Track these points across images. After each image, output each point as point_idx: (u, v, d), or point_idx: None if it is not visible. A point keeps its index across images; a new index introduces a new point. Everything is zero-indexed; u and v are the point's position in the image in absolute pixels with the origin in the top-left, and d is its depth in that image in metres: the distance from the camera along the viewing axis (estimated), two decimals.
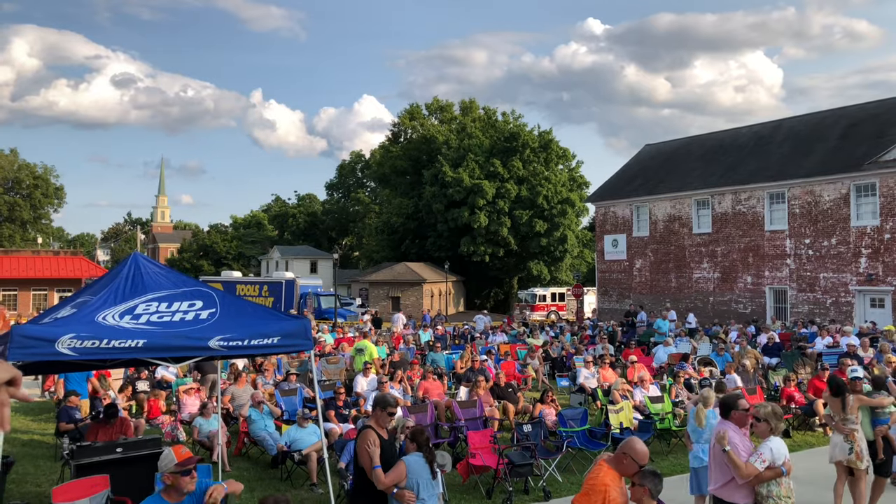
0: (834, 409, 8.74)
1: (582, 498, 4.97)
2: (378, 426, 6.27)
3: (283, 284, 38.05)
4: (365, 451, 6.04)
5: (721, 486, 6.04)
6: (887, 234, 26.41)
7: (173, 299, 8.46)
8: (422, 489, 5.88)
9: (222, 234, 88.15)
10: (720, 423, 6.30)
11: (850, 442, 8.50)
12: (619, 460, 5.06)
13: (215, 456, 11.20)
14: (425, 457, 5.98)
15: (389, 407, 6.29)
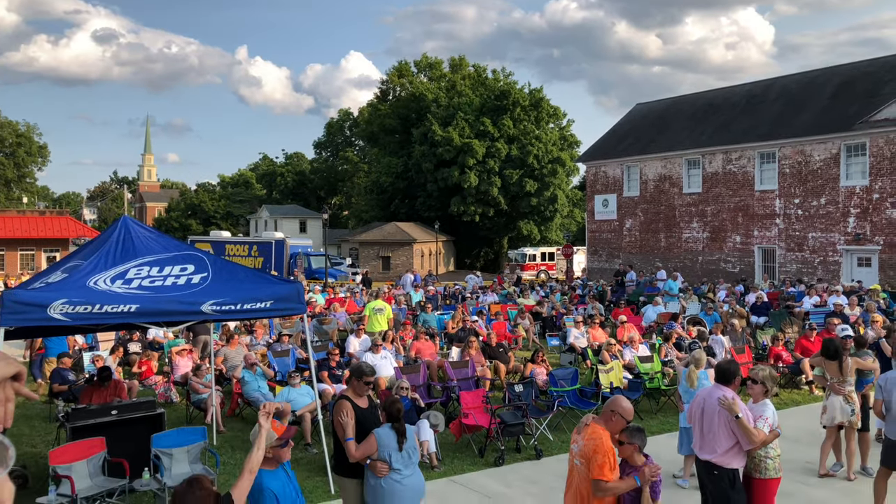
0: (831, 371, 8.76)
1: (595, 467, 4.97)
2: (355, 396, 6.19)
3: (272, 244, 37.90)
4: (338, 423, 5.98)
5: (723, 454, 5.89)
6: (876, 194, 26.53)
7: (165, 264, 8.42)
8: (395, 460, 5.79)
9: (210, 193, 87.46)
10: (719, 389, 6.09)
11: (850, 403, 8.61)
12: (607, 418, 5.17)
13: (209, 417, 11.28)
14: (395, 428, 5.88)
15: (365, 376, 6.19)
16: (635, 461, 5.07)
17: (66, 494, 7.42)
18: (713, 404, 5.99)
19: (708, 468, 5.99)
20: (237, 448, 10.58)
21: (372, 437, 5.82)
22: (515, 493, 8.59)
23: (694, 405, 6.25)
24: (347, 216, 79.44)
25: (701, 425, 6.09)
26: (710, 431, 5.98)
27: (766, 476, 6.03)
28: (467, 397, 10.48)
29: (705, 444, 6.03)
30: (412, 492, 5.87)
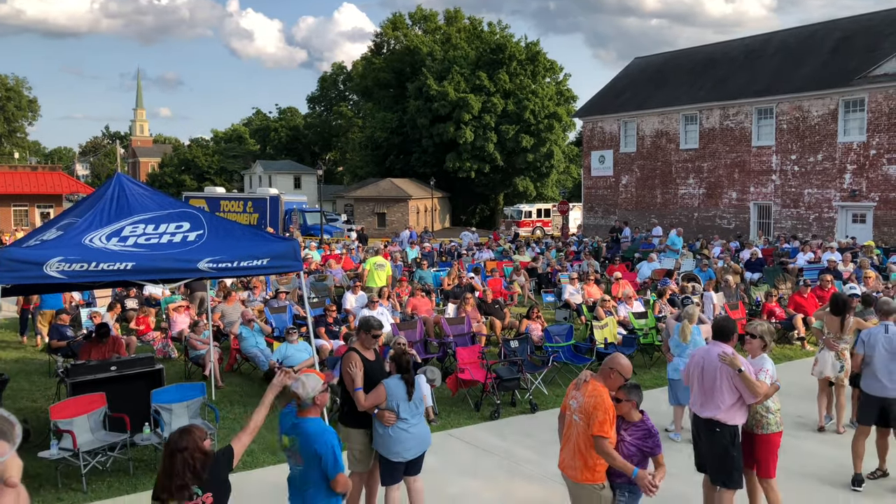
0: (831, 326, 8.78)
1: (596, 423, 5.03)
2: (363, 348, 6.36)
3: (267, 200, 37.77)
4: (347, 374, 6.16)
5: (726, 410, 5.88)
6: (873, 150, 26.45)
7: (160, 221, 8.39)
8: (402, 410, 5.99)
9: (203, 148, 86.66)
10: (717, 346, 6.05)
11: (841, 360, 8.71)
12: (606, 375, 5.22)
13: (207, 373, 11.39)
14: (404, 378, 6.07)
15: (374, 329, 6.37)
16: (632, 417, 5.13)
17: (68, 448, 7.52)
18: (714, 361, 5.95)
19: (710, 426, 5.94)
20: (235, 403, 10.71)
21: (381, 387, 6.01)
22: (511, 446, 8.74)
23: (692, 364, 6.22)
24: (342, 172, 78.99)
25: (701, 384, 6.04)
26: (713, 389, 5.92)
27: (769, 431, 6.10)
28: (463, 353, 10.59)
29: (707, 402, 5.98)
30: (418, 440, 6.08)
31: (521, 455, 8.44)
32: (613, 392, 5.18)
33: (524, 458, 8.36)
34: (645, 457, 5.12)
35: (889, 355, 7.19)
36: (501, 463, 8.22)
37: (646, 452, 5.11)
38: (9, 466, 2.08)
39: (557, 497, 7.24)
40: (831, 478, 7.67)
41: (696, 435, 6.27)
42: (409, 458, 6.06)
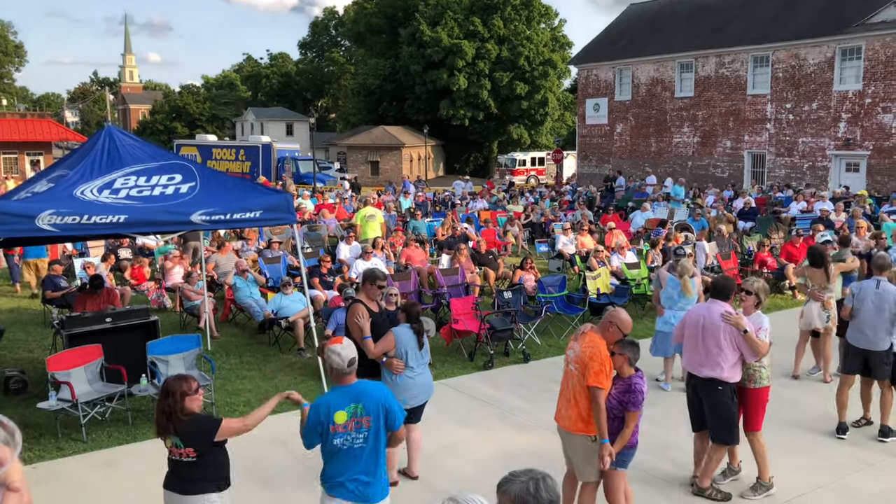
0: (815, 279, 8.91)
1: (591, 374, 5.08)
2: (368, 299, 6.45)
3: (259, 149, 37.40)
4: (355, 324, 6.26)
5: (729, 369, 5.91)
6: (868, 99, 26.28)
7: (152, 173, 8.32)
8: (410, 358, 6.13)
9: (194, 95, 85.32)
10: (717, 305, 6.04)
11: (827, 310, 8.84)
12: (605, 328, 5.24)
13: (202, 323, 11.46)
14: (413, 328, 6.18)
15: (378, 280, 6.45)
16: (624, 373, 5.19)
17: (67, 399, 7.61)
18: (716, 321, 5.91)
19: (712, 384, 5.95)
20: (231, 353, 10.81)
21: (391, 335, 6.12)
22: (504, 396, 8.88)
23: (689, 323, 6.17)
24: (334, 119, 78.09)
25: (702, 343, 6.00)
26: (716, 348, 5.90)
27: (760, 385, 6.19)
28: (457, 304, 10.66)
29: (708, 362, 5.96)
30: (423, 388, 6.25)
31: (513, 404, 8.59)
32: (610, 346, 5.23)
33: (517, 407, 8.51)
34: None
35: (876, 310, 7.28)
36: (495, 412, 8.37)
37: (624, 407, 5.14)
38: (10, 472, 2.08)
39: (549, 446, 7.38)
40: (816, 426, 7.85)
41: (692, 395, 6.26)
42: (415, 405, 6.21)
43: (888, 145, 25.91)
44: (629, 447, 5.24)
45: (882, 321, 7.26)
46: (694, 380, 6.18)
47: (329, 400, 4.32)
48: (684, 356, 6.34)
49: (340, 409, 4.26)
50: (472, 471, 6.86)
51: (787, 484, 6.45)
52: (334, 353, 4.32)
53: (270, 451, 7.22)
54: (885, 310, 7.24)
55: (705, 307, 6.15)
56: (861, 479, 6.62)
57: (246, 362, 10.41)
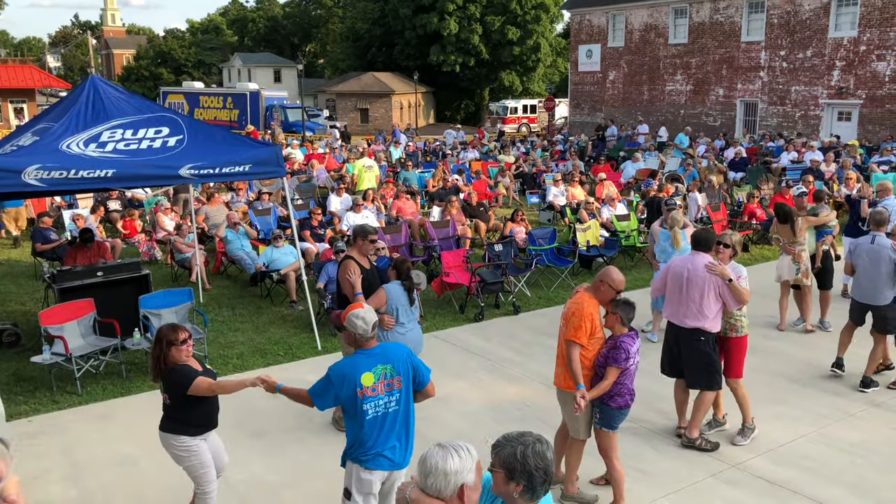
0: (783, 234, 9.13)
1: (570, 328, 5.18)
2: (359, 255, 6.48)
3: (247, 96, 36.85)
4: (346, 281, 6.32)
5: (712, 319, 6.04)
6: (863, 46, 26.02)
7: (138, 126, 8.22)
8: (401, 314, 6.19)
9: (179, 40, 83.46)
10: (700, 256, 6.12)
11: (797, 263, 9.01)
12: (597, 288, 5.28)
13: (193, 276, 11.48)
14: (404, 285, 6.22)
15: (370, 235, 6.47)
16: (617, 331, 5.24)
17: (61, 353, 7.66)
18: (700, 272, 6.01)
19: (694, 335, 6.08)
20: (223, 305, 10.86)
21: (382, 292, 6.17)
22: (494, 347, 9.01)
23: (671, 274, 6.24)
24: (323, 65, 76.78)
25: (685, 294, 6.09)
26: (700, 298, 5.99)
27: (741, 334, 6.32)
28: (448, 257, 10.70)
29: (690, 313, 6.07)
30: (413, 343, 6.26)
31: (504, 356, 8.71)
32: (604, 305, 5.28)
33: (507, 359, 8.63)
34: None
35: (872, 264, 7.40)
36: (485, 364, 8.49)
37: (609, 362, 5.16)
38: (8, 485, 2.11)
39: (539, 396, 7.54)
40: (798, 376, 8.01)
41: (672, 344, 6.37)
42: None
43: (881, 94, 25.78)
44: (617, 408, 5.24)
45: (879, 275, 7.36)
46: (676, 330, 6.25)
47: (354, 361, 4.16)
48: (666, 307, 6.38)
49: (367, 371, 4.13)
50: (463, 423, 7.00)
51: (769, 434, 6.63)
52: (358, 318, 4.19)
53: (261, 402, 7.30)
54: (882, 264, 7.33)
55: (688, 259, 6.21)
56: (841, 429, 6.79)
57: (238, 314, 10.47)
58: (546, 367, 8.30)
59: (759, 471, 6.05)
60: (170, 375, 4.68)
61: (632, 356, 5.16)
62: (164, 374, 4.71)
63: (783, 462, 6.19)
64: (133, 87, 78.72)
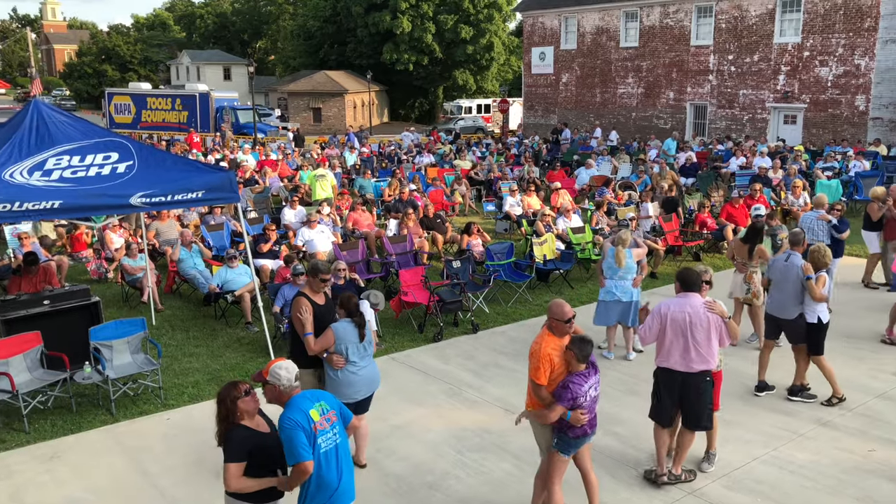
0: (739, 253, 9.30)
1: (531, 369, 5.29)
2: (312, 293, 6.41)
3: (196, 98, 36.10)
4: (297, 319, 6.26)
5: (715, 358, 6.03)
6: (806, 52, 26.77)
7: (86, 151, 7.98)
8: (351, 353, 6.10)
9: (124, 36, 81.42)
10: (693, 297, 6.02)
11: (748, 283, 9.20)
12: (551, 325, 5.36)
13: (145, 296, 11.20)
14: (354, 321, 6.16)
15: (321, 274, 6.42)
16: (572, 368, 5.29)
17: (6, 390, 7.39)
18: (701, 314, 5.94)
19: (702, 377, 6.00)
20: (177, 328, 10.64)
21: (329, 332, 6.11)
22: (453, 369, 9.00)
23: (673, 321, 6.00)
24: (274, 61, 75.70)
25: (693, 337, 5.96)
26: (707, 339, 5.95)
27: (721, 367, 6.41)
28: (406, 275, 10.66)
29: (699, 356, 5.97)
30: (367, 381, 6.24)
31: (463, 379, 8.71)
32: (566, 340, 5.32)
33: (466, 382, 8.63)
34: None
35: (784, 281, 7.87)
36: (444, 388, 8.48)
37: (556, 398, 5.23)
38: None
39: (497, 422, 7.57)
40: (748, 395, 8.15)
41: (672, 392, 6.12)
42: (359, 398, 6.22)
43: (824, 98, 26.57)
44: (574, 437, 5.33)
45: (787, 291, 7.82)
46: (682, 377, 6.05)
47: (296, 403, 4.34)
48: (668, 357, 6.07)
49: (312, 407, 4.34)
50: (424, 453, 6.98)
51: (724, 458, 6.76)
52: (281, 370, 4.38)
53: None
54: (790, 282, 7.79)
55: (684, 303, 6.03)
56: (792, 449, 6.97)
57: (192, 337, 10.27)
58: (505, 389, 8.35)
59: (716, 497, 6.17)
60: (226, 440, 4.29)
61: (581, 395, 5.22)
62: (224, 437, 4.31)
63: (737, 487, 6.32)
64: (76, 84, 76.62)
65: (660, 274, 12.95)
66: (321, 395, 4.54)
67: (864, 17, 25.15)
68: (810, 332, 7.79)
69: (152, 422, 7.69)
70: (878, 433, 7.25)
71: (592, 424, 5.41)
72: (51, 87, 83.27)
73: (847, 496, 6.17)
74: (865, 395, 8.07)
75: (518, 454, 6.91)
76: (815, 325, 7.74)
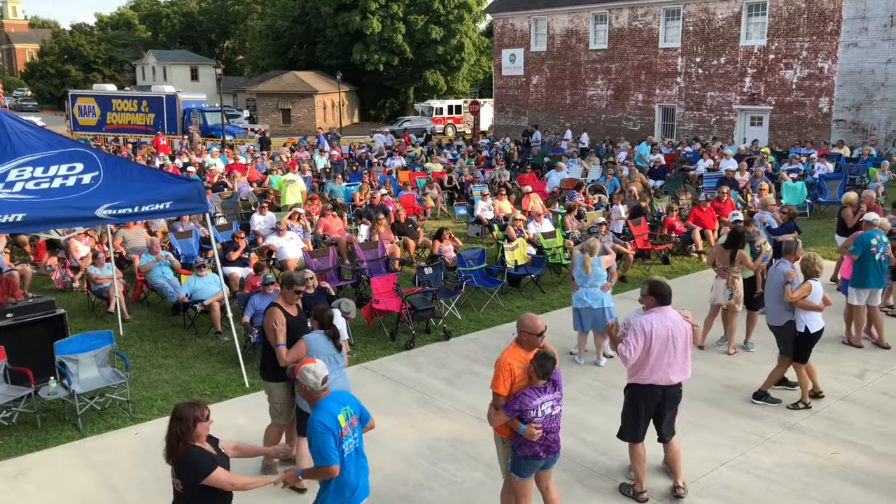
0: (721, 258, 9.36)
1: (493, 378, 5.34)
2: (285, 304, 6.40)
3: (163, 100, 35.60)
4: (270, 329, 6.25)
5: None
6: (772, 55, 27.24)
7: (50, 162, 7.85)
8: None
9: (87, 35, 79.98)
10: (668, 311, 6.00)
11: (730, 289, 9.30)
12: (520, 339, 5.36)
13: (112, 306, 11.02)
14: (327, 334, 6.15)
15: (296, 285, 6.41)
16: (532, 382, 5.26)
17: None
18: (680, 325, 5.97)
19: (679, 387, 6.16)
20: (145, 338, 10.49)
21: (302, 343, 6.12)
22: (426, 378, 8.99)
23: (658, 336, 5.94)
24: (242, 62, 74.97)
25: (676, 351, 5.98)
26: (686, 349, 6.02)
27: None
28: (377, 283, 10.63)
29: (681, 368, 6.05)
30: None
31: (435, 387, 8.71)
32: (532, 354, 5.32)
33: (439, 390, 8.64)
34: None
35: (771, 287, 8.02)
36: (417, 397, 8.47)
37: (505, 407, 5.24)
38: None
39: (470, 431, 7.59)
40: (717, 398, 8.28)
41: (653, 406, 6.13)
42: None
43: (789, 100, 27.06)
44: (524, 457, 5.26)
45: (773, 298, 8.00)
46: (663, 390, 6.06)
47: (326, 407, 4.57)
48: (654, 374, 6.02)
49: (339, 413, 4.58)
50: (396, 464, 6.97)
51: (693, 463, 6.82)
52: (309, 372, 4.61)
53: None
54: (774, 288, 7.97)
55: (663, 317, 5.99)
56: (759, 454, 7.09)
57: (161, 348, 10.13)
58: (477, 397, 8.36)
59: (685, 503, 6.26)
60: (186, 459, 4.28)
61: (530, 408, 5.14)
62: (180, 457, 4.29)
63: (707, 494, 6.41)
64: (38, 84, 75.15)
65: (629, 277, 13.09)
66: (345, 398, 4.76)
67: (827, 21, 25.66)
68: (797, 340, 7.92)
69: (120, 436, 7.58)
70: (842, 436, 7.41)
71: (550, 450, 5.30)
72: (12, 88, 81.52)
73: (812, 499, 6.30)
74: (829, 398, 8.23)
75: (490, 463, 6.93)
76: (801, 333, 7.87)
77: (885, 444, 7.23)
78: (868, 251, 9.57)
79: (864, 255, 9.61)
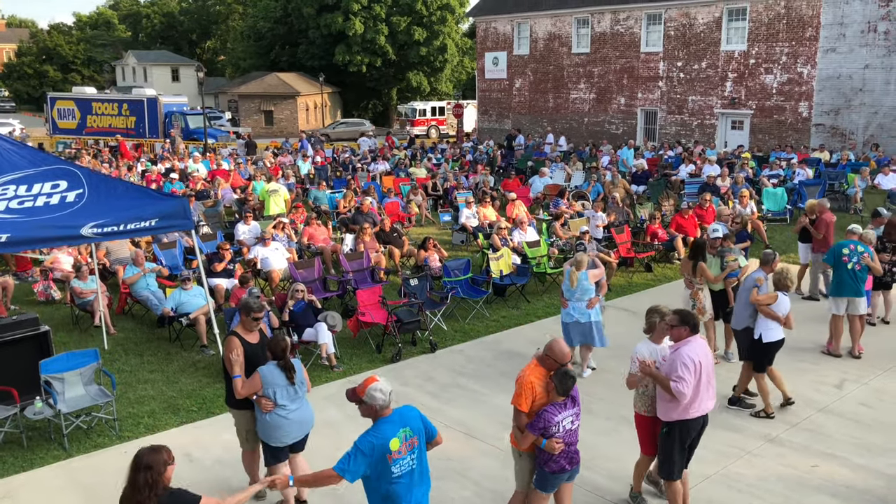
0: (684, 269, 9.60)
1: (514, 394, 5.54)
2: (245, 331, 6.31)
3: (144, 103, 35.33)
4: (228, 359, 6.15)
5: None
6: (752, 59, 27.53)
7: (33, 180, 7.81)
8: (279, 397, 5.99)
9: (66, 35, 79.09)
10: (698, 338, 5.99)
11: (692, 300, 9.44)
12: (543, 359, 5.55)
13: (97, 319, 10.96)
14: (279, 365, 6.05)
15: (254, 313, 6.29)
16: (552, 398, 5.45)
17: None
18: (710, 354, 6.05)
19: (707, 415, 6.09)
20: (130, 352, 10.44)
21: (256, 376, 6.02)
22: (411, 391, 9.03)
23: (706, 367, 5.92)
24: (224, 62, 74.51)
25: (710, 379, 5.97)
26: (712, 380, 6.03)
27: None
28: (363, 295, 10.66)
29: (714, 393, 6.06)
30: (298, 424, 6.13)
31: (422, 402, 8.74)
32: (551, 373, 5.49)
33: (425, 405, 8.65)
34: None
35: (743, 293, 8.35)
36: None
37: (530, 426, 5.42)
38: None
39: (457, 447, 7.63)
40: None
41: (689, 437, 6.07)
42: (289, 442, 6.13)
43: (769, 105, 27.37)
44: (551, 472, 5.45)
45: (741, 303, 8.36)
46: (704, 419, 6.06)
47: (381, 431, 4.65)
48: (704, 405, 5.96)
49: (394, 437, 4.65)
50: None
51: None
52: (377, 391, 4.69)
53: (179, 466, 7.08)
54: (743, 293, 8.33)
55: (698, 345, 5.94)
56: (741, 467, 7.21)
57: (147, 362, 10.10)
58: (465, 412, 8.42)
59: None
60: (170, 499, 4.24)
61: (552, 424, 5.36)
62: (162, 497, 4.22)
63: None
64: (15, 85, 74.25)
65: (612, 286, 13.19)
66: (408, 418, 4.81)
67: (806, 27, 25.99)
68: (752, 347, 8.11)
69: (108, 455, 7.55)
70: (821, 447, 7.55)
71: (573, 461, 5.52)
72: None
73: None
74: (808, 409, 8.38)
75: (478, 480, 7.00)
76: (755, 341, 8.06)
77: (864, 456, 7.38)
78: (840, 260, 9.77)
79: (836, 265, 9.84)
